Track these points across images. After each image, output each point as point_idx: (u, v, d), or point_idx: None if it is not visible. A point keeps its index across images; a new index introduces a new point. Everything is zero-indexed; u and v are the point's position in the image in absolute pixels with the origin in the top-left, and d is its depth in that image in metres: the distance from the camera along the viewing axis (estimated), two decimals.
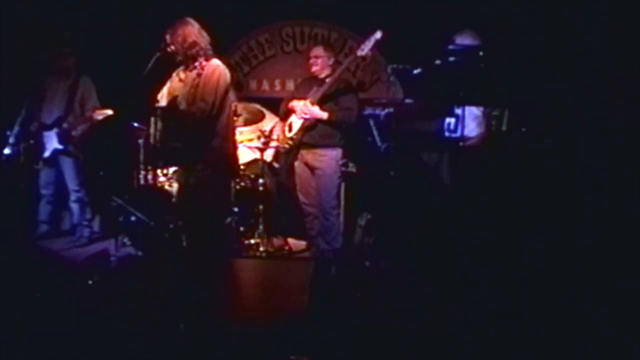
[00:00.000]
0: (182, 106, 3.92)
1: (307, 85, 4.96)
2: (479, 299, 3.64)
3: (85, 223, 5.46)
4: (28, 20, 5.59)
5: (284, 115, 5.01)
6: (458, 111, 4.55)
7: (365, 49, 4.68)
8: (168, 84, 4.09)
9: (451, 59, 4.31)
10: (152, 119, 3.94)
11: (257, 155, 5.21)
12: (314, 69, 4.85)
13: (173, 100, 3.98)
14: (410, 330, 3.35)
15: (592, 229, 3.92)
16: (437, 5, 5.44)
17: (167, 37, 3.92)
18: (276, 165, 5.32)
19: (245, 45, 6.30)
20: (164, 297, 3.59)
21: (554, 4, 4.66)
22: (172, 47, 3.91)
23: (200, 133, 3.85)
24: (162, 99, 4.07)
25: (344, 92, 4.84)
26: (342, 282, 4.37)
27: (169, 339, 3.08)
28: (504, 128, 4.48)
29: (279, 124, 5.18)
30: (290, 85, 6.10)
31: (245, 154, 5.31)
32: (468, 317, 3.44)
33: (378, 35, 4.62)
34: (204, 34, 3.96)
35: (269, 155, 5.15)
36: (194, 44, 3.89)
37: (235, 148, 4.22)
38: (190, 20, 3.96)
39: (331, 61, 4.88)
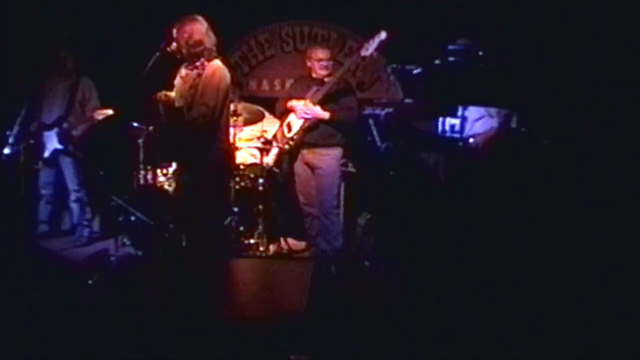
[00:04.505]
0: (180, 104, 3.92)
1: (304, 84, 4.94)
2: (479, 299, 3.64)
3: (85, 223, 5.46)
4: (28, 20, 5.59)
5: (281, 115, 5.00)
6: (466, 113, 4.56)
7: (369, 49, 4.66)
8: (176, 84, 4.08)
9: (451, 59, 4.31)
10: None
11: (258, 160, 5.20)
12: (324, 72, 4.81)
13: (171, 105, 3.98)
14: (410, 330, 3.35)
15: (592, 229, 3.92)
16: (437, 5, 5.43)
17: (174, 31, 3.87)
18: (277, 170, 5.31)
19: (245, 45, 6.30)
20: (164, 297, 3.60)
21: (554, 4, 4.66)
22: (176, 44, 3.87)
23: (201, 136, 3.83)
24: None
25: (345, 93, 4.84)
26: (342, 282, 4.37)
27: (169, 339, 3.08)
28: (513, 125, 4.49)
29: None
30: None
31: (246, 158, 5.31)
32: (468, 317, 3.44)
33: (383, 35, 4.61)
34: (211, 34, 3.91)
35: (270, 159, 5.15)
36: (199, 42, 3.84)
37: (231, 148, 4.21)
38: (200, 18, 3.91)
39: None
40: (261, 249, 5.04)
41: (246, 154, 5.33)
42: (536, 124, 4.38)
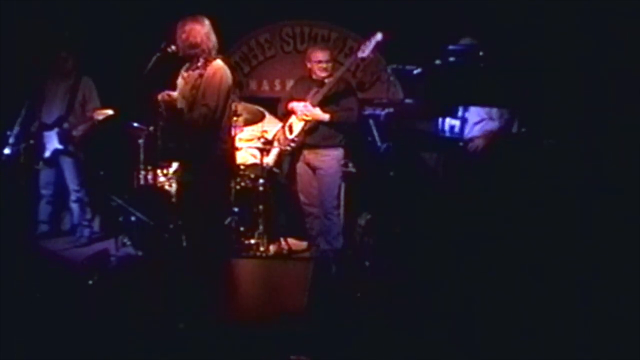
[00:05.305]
0: (182, 105, 3.92)
1: (304, 85, 4.94)
2: (479, 299, 3.64)
3: (85, 223, 5.45)
4: (28, 20, 5.58)
5: (283, 116, 5.00)
6: (466, 114, 4.56)
7: (366, 51, 4.66)
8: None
9: (451, 59, 4.31)
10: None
11: (258, 160, 5.20)
12: (324, 74, 4.81)
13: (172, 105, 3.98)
14: (410, 330, 3.35)
15: (591, 229, 3.92)
16: (438, 5, 5.43)
17: (177, 31, 3.89)
18: (276, 170, 5.31)
19: (245, 45, 6.30)
20: (164, 297, 3.60)
21: (554, 4, 4.66)
22: (174, 45, 3.89)
23: (202, 137, 3.83)
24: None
25: (344, 93, 4.84)
26: (342, 282, 4.37)
27: (169, 339, 3.09)
28: (514, 130, 4.49)
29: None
30: (290, 85, 6.09)
31: (246, 158, 5.30)
32: (468, 317, 3.44)
33: (379, 37, 4.61)
34: (212, 36, 3.89)
35: (270, 159, 5.14)
36: (195, 44, 3.83)
37: (233, 148, 4.20)
38: (202, 19, 3.88)
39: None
40: (261, 249, 5.04)
41: (246, 154, 5.33)
42: (536, 124, 4.38)
